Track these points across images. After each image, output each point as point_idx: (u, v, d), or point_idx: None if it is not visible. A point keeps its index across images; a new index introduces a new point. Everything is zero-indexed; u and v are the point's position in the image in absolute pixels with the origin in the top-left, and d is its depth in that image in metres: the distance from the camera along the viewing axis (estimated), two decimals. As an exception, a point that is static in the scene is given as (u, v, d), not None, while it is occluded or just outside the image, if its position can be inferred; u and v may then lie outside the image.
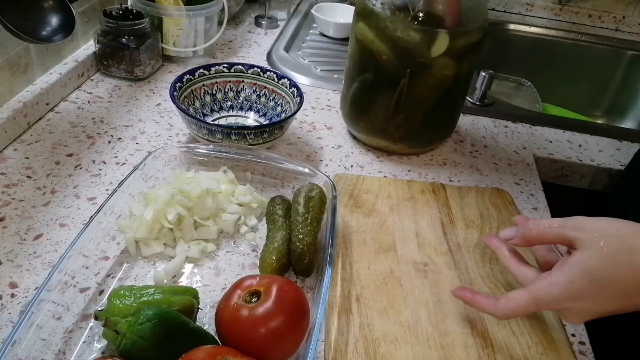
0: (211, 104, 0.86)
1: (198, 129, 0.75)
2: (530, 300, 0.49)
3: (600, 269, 0.45)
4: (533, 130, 0.96)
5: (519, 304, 0.50)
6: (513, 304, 0.50)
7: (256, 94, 0.87)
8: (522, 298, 0.49)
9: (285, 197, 0.68)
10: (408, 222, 0.71)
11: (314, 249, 0.60)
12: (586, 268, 0.46)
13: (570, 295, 0.47)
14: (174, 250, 0.63)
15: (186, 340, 0.47)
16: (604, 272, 0.45)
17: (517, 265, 0.54)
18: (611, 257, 0.45)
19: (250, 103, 0.87)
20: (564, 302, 0.47)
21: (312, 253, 0.60)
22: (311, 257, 0.60)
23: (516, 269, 0.54)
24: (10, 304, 0.55)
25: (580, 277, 0.46)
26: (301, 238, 0.60)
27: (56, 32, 0.73)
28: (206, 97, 0.85)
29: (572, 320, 0.50)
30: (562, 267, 0.48)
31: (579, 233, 0.47)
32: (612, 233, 0.46)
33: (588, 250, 0.46)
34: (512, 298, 0.50)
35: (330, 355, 0.53)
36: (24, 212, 0.66)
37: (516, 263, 0.55)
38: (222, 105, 0.87)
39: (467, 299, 0.55)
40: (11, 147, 0.76)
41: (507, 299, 0.51)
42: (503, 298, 0.51)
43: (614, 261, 0.45)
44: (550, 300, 0.48)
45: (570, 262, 0.47)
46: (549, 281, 0.48)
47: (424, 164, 0.84)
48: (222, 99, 0.87)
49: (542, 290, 0.48)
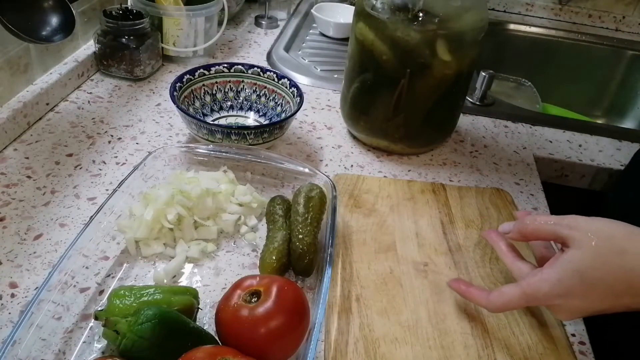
0: (211, 104, 0.86)
1: (198, 129, 0.75)
2: (521, 295, 0.50)
3: (590, 269, 0.46)
4: (533, 130, 0.96)
5: (510, 298, 0.51)
6: (504, 298, 0.51)
7: (256, 94, 0.87)
8: (513, 293, 0.50)
9: (285, 197, 0.68)
10: (408, 222, 0.71)
11: (314, 249, 0.60)
12: (577, 267, 0.46)
13: (559, 293, 0.47)
14: (174, 250, 0.63)
15: (186, 340, 0.47)
16: (594, 272, 0.46)
17: (512, 261, 0.55)
18: (602, 257, 0.45)
19: (250, 103, 0.87)
20: (554, 299, 0.48)
21: (312, 253, 0.60)
22: (311, 257, 0.60)
23: (512, 264, 0.55)
24: (10, 304, 0.55)
25: (570, 275, 0.47)
26: (301, 238, 0.60)
27: (56, 32, 0.73)
28: (206, 97, 0.85)
29: (562, 317, 0.51)
30: (553, 264, 0.48)
31: (573, 232, 0.47)
32: (605, 234, 0.46)
33: (580, 249, 0.46)
34: (504, 292, 0.51)
35: (330, 355, 0.53)
36: (24, 212, 0.66)
37: (512, 258, 0.55)
38: (222, 105, 0.87)
39: (461, 291, 0.56)
40: (11, 147, 0.76)
41: (499, 293, 0.52)
42: (495, 291, 0.52)
43: (605, 262, 0.45)
44: (539, 296, 0.49)
45: (561, 259, 0.48)
46: (539, 278, 0.49)
47: (424, 164, 0.84)
48: (222, 99, 0.87)
49: (533, 286, 0.49)
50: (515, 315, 0.59)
